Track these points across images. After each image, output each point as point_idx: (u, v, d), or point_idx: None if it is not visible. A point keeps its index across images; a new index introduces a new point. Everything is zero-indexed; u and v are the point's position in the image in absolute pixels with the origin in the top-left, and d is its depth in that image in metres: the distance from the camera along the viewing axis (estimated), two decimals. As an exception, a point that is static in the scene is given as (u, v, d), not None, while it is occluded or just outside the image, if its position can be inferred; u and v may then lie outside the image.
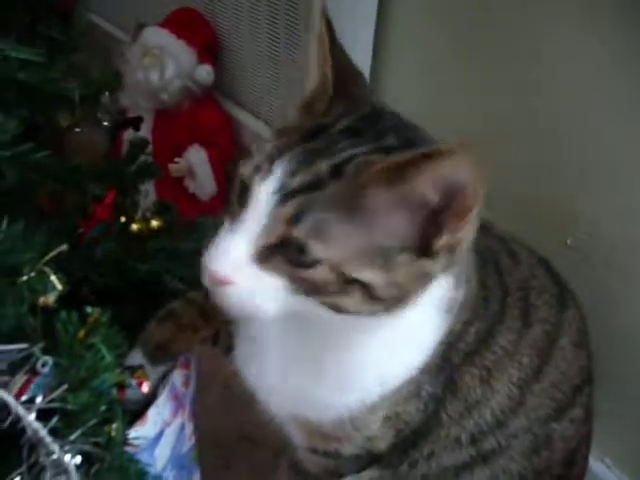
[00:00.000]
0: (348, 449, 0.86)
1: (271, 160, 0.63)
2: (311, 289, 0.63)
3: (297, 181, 0.61)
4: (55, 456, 0.60)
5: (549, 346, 0.86)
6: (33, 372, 0.62)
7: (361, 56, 1.30)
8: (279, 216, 0.61)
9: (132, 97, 1.58)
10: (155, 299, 0.92)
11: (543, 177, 1.08)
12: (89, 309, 0.62)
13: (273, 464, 1.16)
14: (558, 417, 0.87)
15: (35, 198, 0.89)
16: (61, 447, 0.61)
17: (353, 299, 0.64)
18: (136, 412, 0.82)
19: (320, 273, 0.62)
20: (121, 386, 0.69)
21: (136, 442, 0.73)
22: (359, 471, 0.91)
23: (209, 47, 1.60)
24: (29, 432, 0.58)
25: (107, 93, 0.92)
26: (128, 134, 1.07)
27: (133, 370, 0.70)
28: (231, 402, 1.35)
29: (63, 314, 0.60)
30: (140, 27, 1.58)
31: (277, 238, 0.61)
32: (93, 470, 0.65)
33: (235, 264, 0.63)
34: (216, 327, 0.90)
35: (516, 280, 0.86)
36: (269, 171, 0.62)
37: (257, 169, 0.63)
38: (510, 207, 1.00)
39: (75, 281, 0.76)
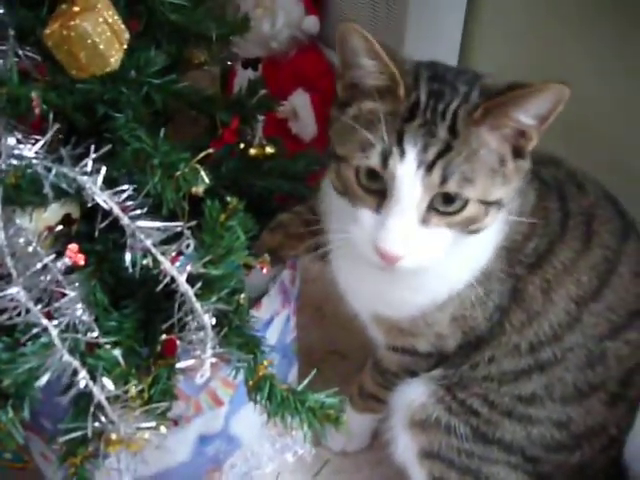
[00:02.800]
0: (422, 345, 1.00)
1: (397, 145, 0.77)
2: (465, 224, 0.81)
3: (432, 153, 0.77)
4: (197, 313, 0.77)
5: (608, 271, 0.95)
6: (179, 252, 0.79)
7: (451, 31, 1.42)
8: (430, 184, 0.77)
9: (243, 44, 1.73)
10: (268, 213, 1.09)
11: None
12: (229, 198, 0.79)
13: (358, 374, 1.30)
14: (613, 337, 0.95)
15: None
16: (202, 307, 0.78)
17: (491, 217, 0.82)
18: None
19: (471, 209, 0.80)
20: (248, 267, 0.86)
21: (252, 321, 0.89)
22: (429, 370, 1.04)
23: (316, -1, 1.74)
24: (181, 290, 0.75)
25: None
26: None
27: (257, 256, 0.86)
28: (322, 322, 1.52)
29: (209, 201, 0.77)
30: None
31: (431, 201, 0.78)
32: (223, 332, 0.82)
33: (406, 240, 0.79)
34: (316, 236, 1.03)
35: (580, 206, 0.96)
36: (402, 154, 0.77)
37: (384, 158, 0.77)
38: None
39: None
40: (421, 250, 0.81)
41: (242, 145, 1.10)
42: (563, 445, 0.99)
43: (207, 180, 0.78)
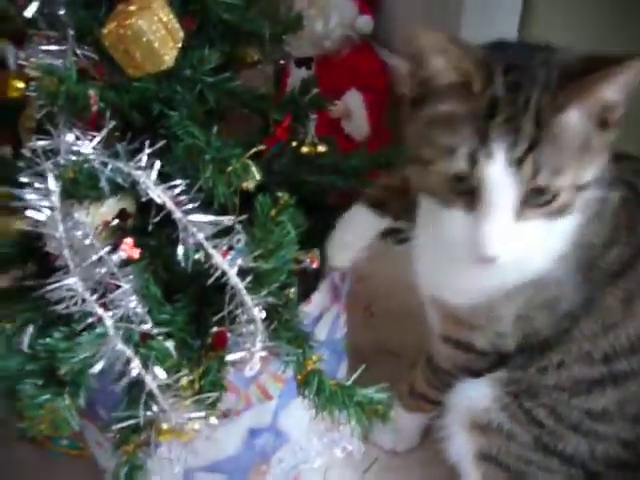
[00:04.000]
0: (479, 341, 0.98)
1: (483, 146, 0.75)
2: (559, 211, 0.79)
3: (520, 149, 0.74)
4: (248, 306, 0.79)
5: None
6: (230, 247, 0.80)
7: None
8: (522, 180, 0.75)
9: (296, 43, 1.75)
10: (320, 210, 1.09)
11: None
12: (280, 194, 0.80)
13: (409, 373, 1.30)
14: None
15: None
16: (252, 300, 0.79)
17: (579, 199, 0.80)
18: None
19: (564, 197, 0.78)
20: (298, 261, 0.87)
21: (302, 316, 0.90)
22: (487, 371, 1.01)
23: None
24: (231, 283, 0.77)
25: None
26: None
27: (307, 250, 0.87)
28: (371, 321, 1.51)
29: (261, 196, 0.79)
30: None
31: (523, 196, 0.76)
32: (273, 326, 0.84)
33: (503, 240, 0.78)
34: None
35: None
36: (490, 155, 0.75)
37: (472, 160, 0.75)
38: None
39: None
40: (519, 244, 0.79)
41: (294, 143, 1.11)
42: (627, 463, 0.95)
43: (258, 176, 0.79)
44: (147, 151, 0.76)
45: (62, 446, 1.01)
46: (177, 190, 0.76)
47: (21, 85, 0.85)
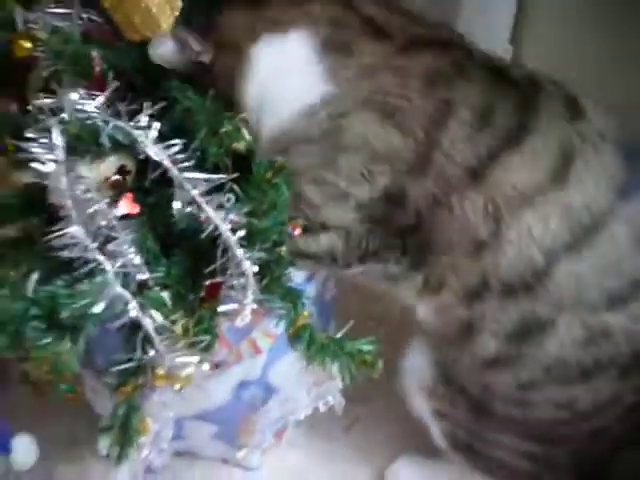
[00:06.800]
0: None
1: None
2: None
3: None
4: (239, 259, 0.83)
5: None
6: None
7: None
8: None
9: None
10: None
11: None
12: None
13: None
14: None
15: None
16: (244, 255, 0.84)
17: None
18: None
19: None
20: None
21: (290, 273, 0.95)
22: None
23: None
24: (223, 236, 0.82)
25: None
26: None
27: (291, 218, 0.91)
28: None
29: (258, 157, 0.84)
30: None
31: None
32: (264, 281, 0.89)
33: None
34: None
35: None
36: None
37: None
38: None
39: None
40: None
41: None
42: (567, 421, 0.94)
43: (248, 137, 0.84)
44: (147, 112, 0.80)
45: (61, 390, 1.06)
46: (174, 149, 0.81)
47: (28, 45, 0.89)
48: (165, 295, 0.85)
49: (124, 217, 0.85)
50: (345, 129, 0.89)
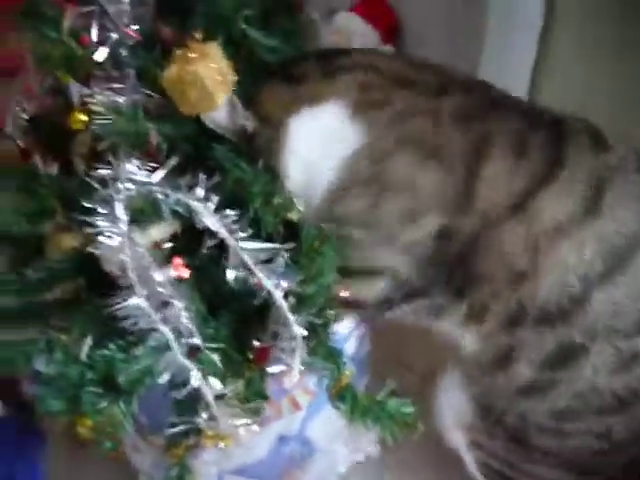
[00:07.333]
0: None
1: None
2: None
3: None
4: (289, 324, 0.87)
5: None
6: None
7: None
8: None
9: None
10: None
11: None
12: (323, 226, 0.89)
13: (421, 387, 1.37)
14: None
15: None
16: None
17: None
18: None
19: None
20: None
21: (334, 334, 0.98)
22: None
23: (391, 30, 1.83)
24: (277, 303, 0.85)
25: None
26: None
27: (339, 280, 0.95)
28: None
29: (306, 227, 0.87)
30: (332, 12, 1.83)
31: None
32: (312, 343, 0.92)
33: None
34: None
35: None
36: None
37: None
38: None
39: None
40: None
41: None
42: (604, 452, 0.96)
43: (302, 207, 0.87)
44: (204, 184, 0.84)
45: (105, 448, 1.08)
46: (229, 219, 0.84)
47: (84, 118, 0.93)
48: (216, 357, 0.88)
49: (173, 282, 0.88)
50: (387, 172, 0.93)
